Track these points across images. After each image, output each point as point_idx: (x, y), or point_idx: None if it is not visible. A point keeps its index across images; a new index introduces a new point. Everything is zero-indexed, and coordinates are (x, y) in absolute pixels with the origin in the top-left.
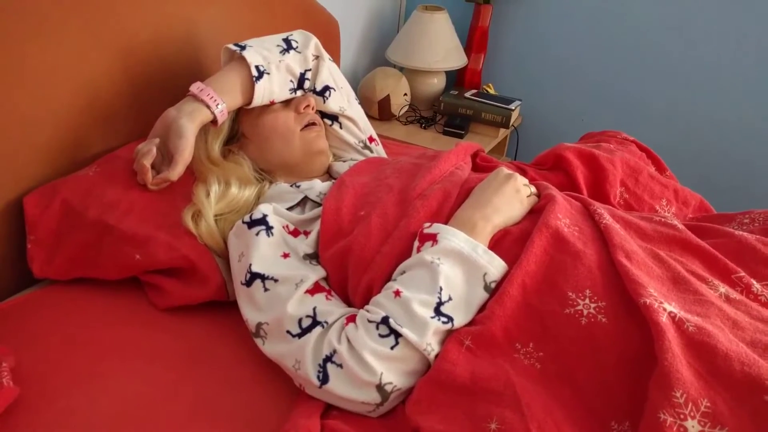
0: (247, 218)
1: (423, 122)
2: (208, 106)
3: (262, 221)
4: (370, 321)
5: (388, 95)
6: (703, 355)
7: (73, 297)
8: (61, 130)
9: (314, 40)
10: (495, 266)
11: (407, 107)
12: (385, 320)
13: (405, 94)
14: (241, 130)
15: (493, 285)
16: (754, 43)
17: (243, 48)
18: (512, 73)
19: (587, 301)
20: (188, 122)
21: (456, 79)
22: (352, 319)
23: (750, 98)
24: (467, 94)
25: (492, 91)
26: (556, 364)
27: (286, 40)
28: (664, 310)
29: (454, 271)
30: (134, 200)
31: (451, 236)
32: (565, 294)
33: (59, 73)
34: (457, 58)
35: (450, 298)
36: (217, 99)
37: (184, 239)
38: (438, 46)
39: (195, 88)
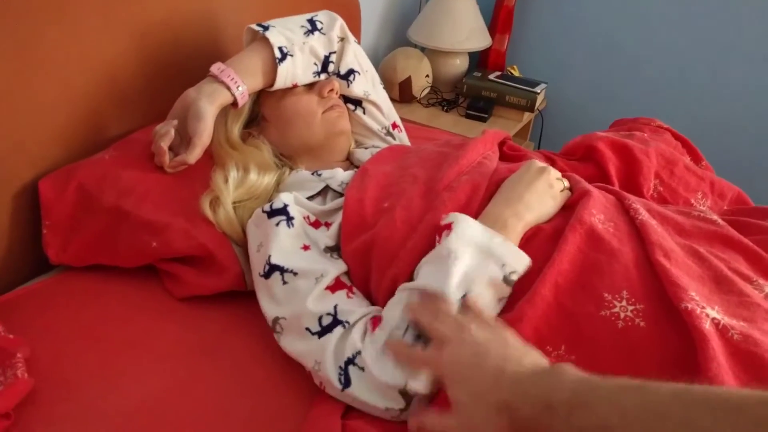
0: (267, 207)
1: (445, 105)
2: (228, 88)
3: (283, 211)
4: (396, 329)
5: (410, 77)
6: (749, 365)
7: (89, 284)
8: (76, 113)
9: (339, 21)
10: (513, 257)
11: (429, 89)
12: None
13: (427, 76)
14: (262, 112)
15: (513, 276)
16: None
17: (266, 28)
18: (538, 55)
19: (624, 303)
20: (208, 104)
21: (479, 60)
22: (377, 321)
23: None
24: (491, 76)
25: (516, 73)
26: (590, 368)
27: (311, 21)
28: (707, 316)
29: (470, 262)
30: (151, 185)
31: (466, 225)
32: (600, 295)
33: (74, 56)
34: (480, 39)
35: (463, 295)
36: (238, 80)
37: (202, 227)
38: (461, 26)
39: (215, 68)
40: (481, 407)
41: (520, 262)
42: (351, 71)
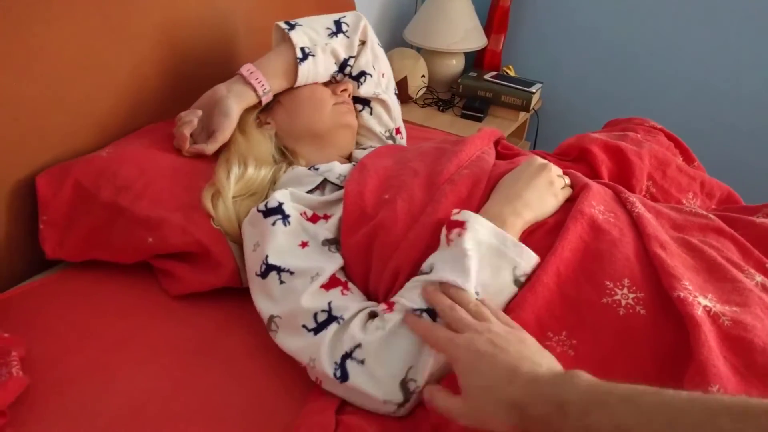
0: (262, 206)
1: (441, 105)
2: (254, 90)
3: (278, 209)
4: (414, 309)
5: (406, 77)
6: (739, 350)
7: (85, 283)
8: (75, 112)
9: (363, 23)
10: (525, 259)
11: (425, 89)
12: (429, 312)
13: (423, 76)
14: (277, 97)
15: (522, 278)
16: None
17: (292, 27)
18: (533, 55)
19: (625, 290)
20: (235, 104)
21: (475, 60)
22: (392, 305)
23: None
24: (486, 76)
25: (512, 73)
26: (592, 352)
27: (338, 23)
28: (699, 303)
29: (481, 265)
30: (147, 182)
31: (479, 226)
32: (602, 282)
33: (73, 56)
34: (476, 39)
35: (477, 294)
36: (265, 84)
37: (198, 223)
38: (457, 27)
39: (245, 70)
40: (492, 401)
41: (529, 263)
42: (363, 73)
